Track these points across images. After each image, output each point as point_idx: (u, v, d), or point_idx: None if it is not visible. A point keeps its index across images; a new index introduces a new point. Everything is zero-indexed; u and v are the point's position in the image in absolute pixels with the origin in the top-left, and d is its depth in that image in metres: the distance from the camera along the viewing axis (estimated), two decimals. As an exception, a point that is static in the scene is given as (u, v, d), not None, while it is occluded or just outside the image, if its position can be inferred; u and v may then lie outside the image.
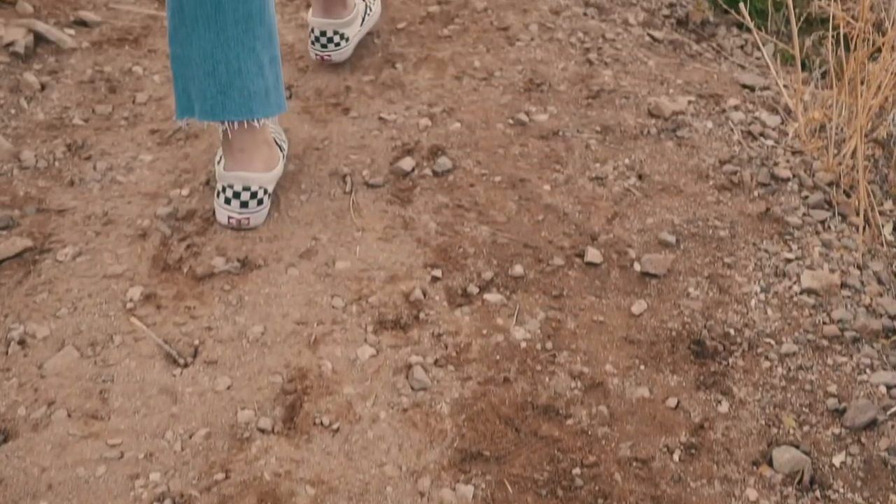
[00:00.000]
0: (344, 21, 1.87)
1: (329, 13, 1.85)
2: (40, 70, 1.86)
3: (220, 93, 1.44)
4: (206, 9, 1.39)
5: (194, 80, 1.45)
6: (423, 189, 1.60)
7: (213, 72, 1.43)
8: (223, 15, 1.40)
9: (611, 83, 1.92)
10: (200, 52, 1.42)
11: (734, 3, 2.51)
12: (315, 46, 1.90)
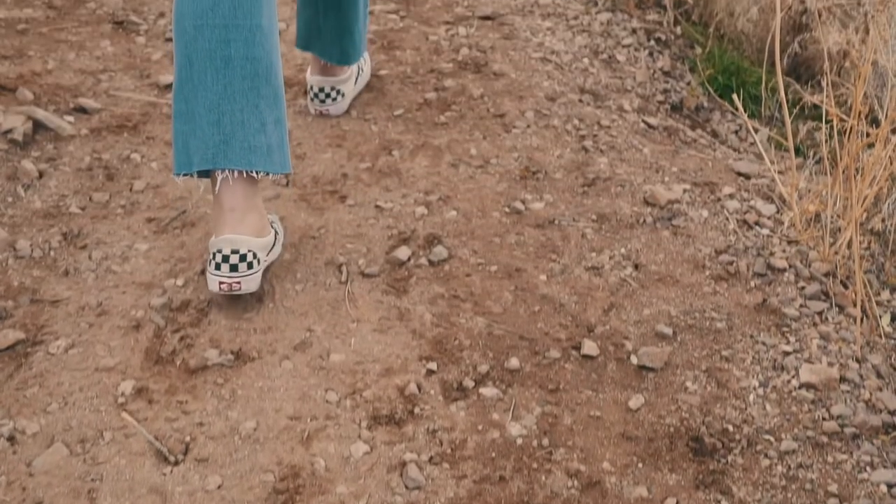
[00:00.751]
0: (340, 79, 2.09)
1: (327, 72, 2.07)
2: (38, 157, 1.89)
3: (223, 142, 1.48)
4: (215, 62, 1.48)
5: (196, 133, 1.49)
6: (418, 279, 1.61)
7: (217, 122, 1.49)
8: (232, 70, 1.48)
9: (606, 171, 1.95)
10: (206, 103, 1.49)
11: (728, 91, 2.57)
12: (314, 102, 2.11)
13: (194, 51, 1.49)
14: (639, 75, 2.52)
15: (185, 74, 1.50)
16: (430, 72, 2.36)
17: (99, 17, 2.49)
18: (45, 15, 2.45)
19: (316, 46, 2.04)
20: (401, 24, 2.63)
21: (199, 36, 1.48)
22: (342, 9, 1.99)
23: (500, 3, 2.81)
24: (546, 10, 2.79)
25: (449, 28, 2.62)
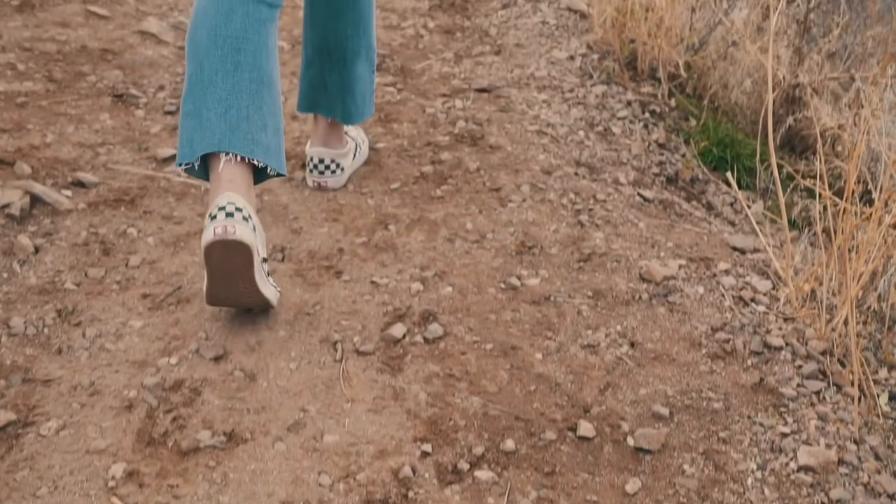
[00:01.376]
0: (340, 152, 2.14)
1: (327, 144, 2.12)
2: (35, 232, 1.91)
3: (229, 130, 1.61)
4: (226, 66, 1.64)
5: (203, 125, 1.62)
6: (413, 357, 1.62)
7: (224, 113, 1.62)
8: (240, 73, 1.64)
9: (602, 246, 1.96)
10: (215, 98, 1.62)
11: (722, 163, 2.60)
12: (313, 174, 2.14)
13: (206, 57, 1.64)
14: (634, 147, 2.55)
15: (196, 78, 1.64)
16: (426, 145, 2.39)
17: (99, 90, 2.53)
18: (46, 88, 2.49)
19: (321, 104, 2.11)
20: (398, 97, 2.68)
21: (212, 45, 1.65)
22: (347, 65, 2.08)
23: (496, 75, 2.86)
24: (542, 82, 2.84)
25: (446, 100, 2.67)
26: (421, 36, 3.18)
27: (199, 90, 1.63)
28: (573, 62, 3.00)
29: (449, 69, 2.91)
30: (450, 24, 3.31)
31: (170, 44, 2.85)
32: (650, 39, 2.87)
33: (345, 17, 2.04)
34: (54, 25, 2.86)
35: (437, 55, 3.02)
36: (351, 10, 2.04)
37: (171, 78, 2.66)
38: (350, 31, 2.06)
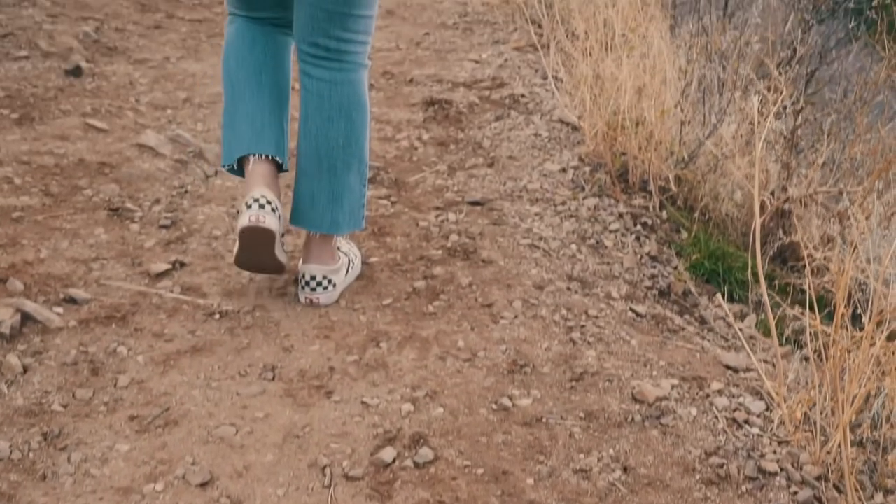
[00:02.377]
0: (332, 268, 2.18)
1: (319, 261, 2.17)
2: (24, 351, 1.91)
3: (255, 136, 2.10)
4: (251, 86, 2.12)
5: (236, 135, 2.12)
6: (403, 482, 1.61)
7: (251, 123, 2.11)
8: (262, 91, 2.12)
9: (594, 364, 1.97)
10: (244, 112, 2.12)
11: (714, 276, 2.64)
12: (305, 290, 2.17)
13: (236, 80, 2.13)
14: (626, 261, 2.59)
15: (229, 97, 2.14)
16: (419, 259, 2.42)
17: (95, 203, 2.58)
18: (42, 202, 2.54)
19: (309, 217, 2.15)
20: (392, 210, 2.72)
21: (241, 69, 2.13)
22: (337, 174, 2.14)
23: (489, 188, 2.92)
24: (534, 195, 2.89)
25: (439, 214, 2.71)
26: (415, 148, 3.25)
27: (232, 106, 2.14)
28: (565, 174, 3.06)
29: (443, 182, 2.96)
30: (444, 135, 3.39)
31: (167, 157, 2.91)
32: (640, 153, 2.94)
33: (336, 126, 2.11)
34: (53, 139, 2.93)
35: (430, 167, 3.08)
36: (343, 119, 2.11)
37: (166, 191, 2.71)
38: (341, 141, 2.12)
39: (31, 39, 3.76)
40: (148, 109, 3.35)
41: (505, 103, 3.78)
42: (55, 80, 3.45)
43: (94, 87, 3.46)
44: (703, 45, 3.27)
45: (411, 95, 3.86)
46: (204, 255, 2.37)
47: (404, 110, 3.66)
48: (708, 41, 3.31)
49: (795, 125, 2.66)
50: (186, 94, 3.56)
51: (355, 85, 2.13)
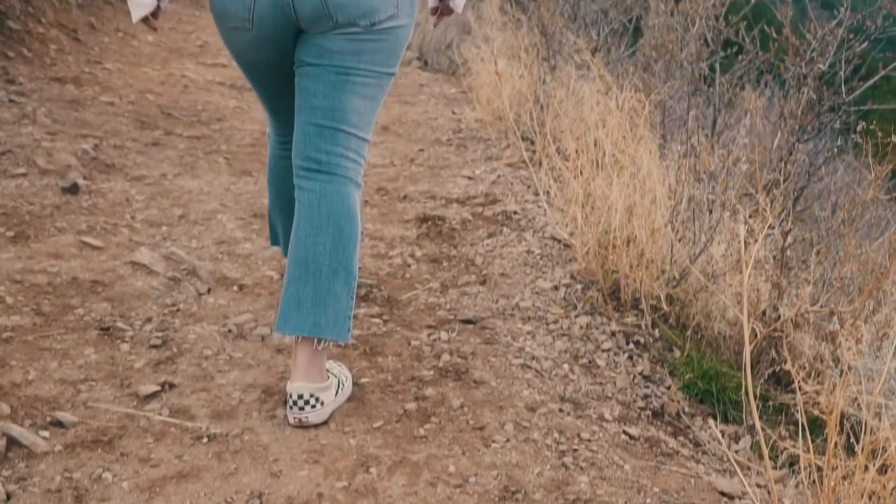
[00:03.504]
0: (320, 386, 2.16)
1: (307, 378, 2.15)
2: (9, 477, 1.90)
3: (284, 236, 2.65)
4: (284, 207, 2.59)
5: (272, 229, 2.81)
6: None
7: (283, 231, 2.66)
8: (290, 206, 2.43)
9: (587, 491, 1.96)
10: (275, 215, 2.72)
11: (708, 396, 2.64)
12: (293, 410, 2.15)
13: (272, 199, 2.70)
14: (619, 381, 2.60)
15: (270, 202, 2.73)
16: (410, 380, 2.43)
17: (86, 322, 2.60)
18: (33, 322, 2.56)
19: (293, 320, 2.16)
20: (384, 329, 2.74)
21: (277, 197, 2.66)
22: (323, 280, 2.16)
23: (481, 305, 2.95)
24: (526, 313, 2.92)
25: (431, 332, 2.73)
26: (408, 265, 3.30)
27: (272, 209, 2.73)
28: (557, 292, 3.10)
29: (435, 299, 3.00)
30: (437, 252, 3.44)
31: (160, 274, 2.95)
32: (632, 272, 2.99)
33: (324, 233, 2.17)
34: (47, 257, 2.97)
35: (423, 285, 3.12)
36: (331, 226, 2.18)
37: (158, 310, 2.73)
38: (328, 247, 2.17)
39: (30, 157, 3.84)
40: (143, 226, 3.40)
41: (498, 220, 3.85)
42: (52, 197, 3.52)
43: (91, 205, 3.53)
44: (691, 165, 3.35)
45: (405, 212, 3.94)
46: (193, 376, 2.37)
47: (398, 227, 3.73)
48: (696, 161, 3.40)
49: (784, 245, 2.71)
50: (182, 211, 3.62)
51: (345, 197, 2.21)
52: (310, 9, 2.08)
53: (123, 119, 4.87)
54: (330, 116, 2.18)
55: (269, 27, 2.13)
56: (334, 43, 2.14)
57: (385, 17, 2.12)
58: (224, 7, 2.14)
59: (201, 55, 7.19)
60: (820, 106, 3.70)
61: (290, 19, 2.12)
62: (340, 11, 2.08)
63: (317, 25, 2.12)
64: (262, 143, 4.90)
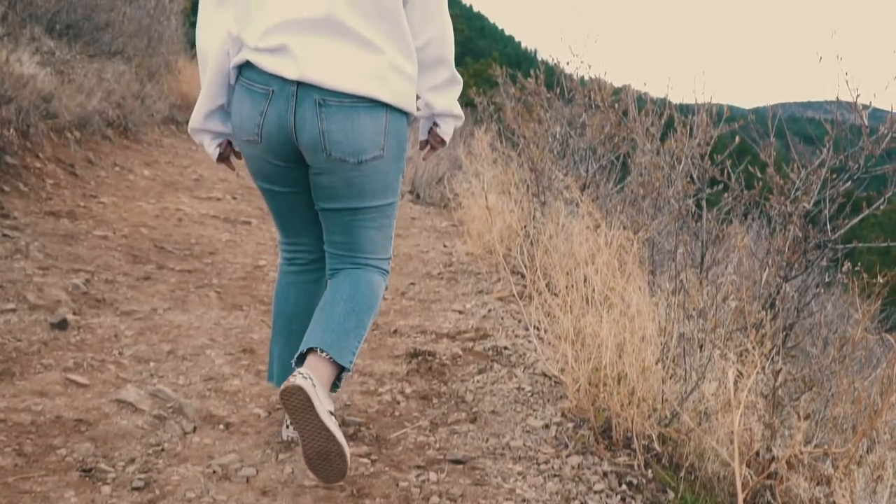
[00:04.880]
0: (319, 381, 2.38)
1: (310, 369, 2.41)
2: None
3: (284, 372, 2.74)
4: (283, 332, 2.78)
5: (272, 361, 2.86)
6: None
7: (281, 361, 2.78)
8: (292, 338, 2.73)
9: None
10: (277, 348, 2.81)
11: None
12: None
13: (275, 323, 2.80)
14: (612, 525, 2.55)
15: (273, 331, 2.82)
16: (398, 524, 2.39)
17: (68, 463, 2.56)
18: (14, 463, 2.52)
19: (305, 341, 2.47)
20: (372, 469, 2.71)
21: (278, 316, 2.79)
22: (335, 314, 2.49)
23: (471, 445, 2.93)
24: (517, 452, 2.89)
25: (420, 473, 2.70)
26: (397, 402, 3.28)
27: (273, 339, 2.80)
28: (548, 431, 3.08)
29: (424, 438, 2.97)
30: (426, 389, 3.43)
31: (146, 412, 2.93)
32: (623, 410, 2.98)
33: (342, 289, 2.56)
34: (32, 395, 2.96)
35: (412, 423, 3.10)
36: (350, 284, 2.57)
37: (143, 449, 2.70)
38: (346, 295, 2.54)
39: (20, 292, 3.87)
40: (131, 363, 3.40)
41: (488, 355, 3.86)
42: (40, 333, 3.52)
43: (79, 340, 3.53)
44: (681, 301, 3.39)
45: (395, 347, 3.94)
46: (176, 521, 2.33)
47: (388, 362, 3.73)
48: (686, 298, 3.44)
49: (775, 385, 2.71)
50: (171, 347, 3.63)
51: (369, 277, 2.60)
52: (308, 138, 2.39)
53: (116, 253, 4.92)
54: (347, 248, 2.61)
55: (275, 143, 2.44)
56: (333, 180, 2.47)
57: (371, 157, 2.43)
58: (241, 122, 2.45)
59: (196, 189, 7.33)
60: (806, 244, 3.78)
61: (291, 140, 2.42)
62: (334, 147, 2.39)
63: (313, 155, 2.42)
64: (253, 276, 4.95)
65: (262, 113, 2.39)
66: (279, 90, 2.36)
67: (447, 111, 2.64)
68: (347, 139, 2.37)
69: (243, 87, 2.43)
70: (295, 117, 2.37)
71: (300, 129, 2.38)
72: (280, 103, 2.37)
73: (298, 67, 2.32)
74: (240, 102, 2.44)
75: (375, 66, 2.36)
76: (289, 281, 2.77)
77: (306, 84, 2.34)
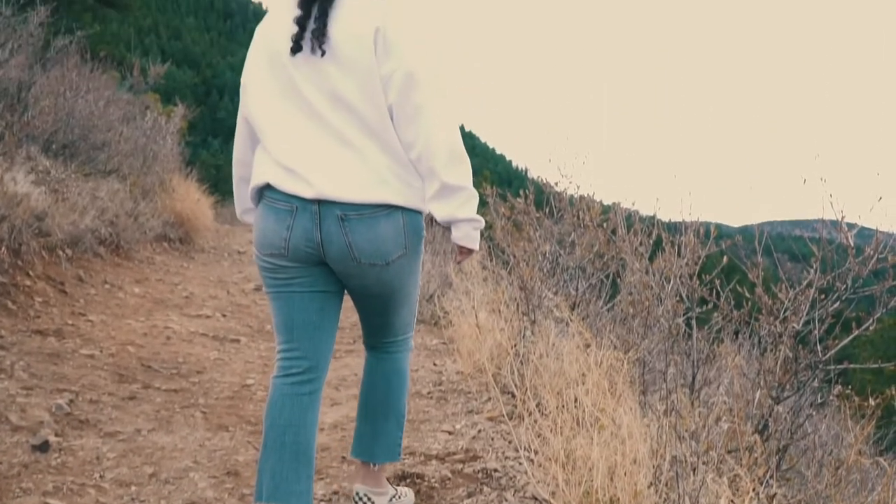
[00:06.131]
0: (376, 490, 3.04)
1: (366, 483, 3.04)
2: None
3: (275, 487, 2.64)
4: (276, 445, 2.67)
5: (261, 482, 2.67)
6: None
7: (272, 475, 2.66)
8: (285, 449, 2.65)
9: None
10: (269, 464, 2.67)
11: None
12: None
13: (267, 437, 2.69)
14: None
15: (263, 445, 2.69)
16: None
17: None
18: None
19: (358, 449, 3.03)
20: None
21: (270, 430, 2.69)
22: (377, 421, 2.99)
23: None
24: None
25: None
26: (385, 528, 3.20)
27: (263, 455, 2.67)
28: (540, 559, 2.99)
29: (412, 567, 2.88)
30: (415, 514, 3.35)
31: (125, 540, 2.85)
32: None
33: (379, 388, 2.99)
34: (8, 521, 2.88)
35: (400, 550, 3.01)
36: (384, 383, 2.98)
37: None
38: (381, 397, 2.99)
39: (3, 413, 3.82)
40: (111, 486, 3.32)
41: (478, 478, 3.79)
42: (21, 455, 3.46)
43: (60, 463, 3.47)
44: (672, 423, 3.36)
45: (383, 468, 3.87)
46: None
47: (375, 486, 3.65)
48: (678, 419, 3.41)
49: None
50: (153, 469, 3.56)
51: (397, 362, 2.99)
52: (337, 250, 2.59)
53: (102, 372, 4.88)
54: (379, 328, 2.93)
55: (302, 255, 2.62)
56: (365, 281, 2.69)
57: (397, 256, 2.66)
58: (265, 238, 2.63)
59: (186, 306, 7.33)
60: (797, 364, 3.78)
61: (319, 254, 2.61)
62: (363, 255, 2.60)
63: (342, 264, 2.62)
64: (240, 395, 4.90)
65: (289, 227, 2.57)
66: (302, 207, 2.55)
67: (449, 219, 2.64)
68: (373, 246, 2.59)
69: (267, 206, 2.61)
70: (321, 232, 2.56)
71: (327, 243, 2.57)
72: (305, 219, 2.56)
73: (314, 188, 2.51)
74: (264, 219, 2.61)
75: (378, 174, 2.55)
76: (283, 392, 2.75)
77: (326, 201, 2.53)
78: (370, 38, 2.48)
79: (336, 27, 2.51)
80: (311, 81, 2.53)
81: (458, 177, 2.58)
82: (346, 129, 2.53)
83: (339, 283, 2.75)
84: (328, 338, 2.76)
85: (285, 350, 2.79)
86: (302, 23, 2.51)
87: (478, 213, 2.70)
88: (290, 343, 2.76)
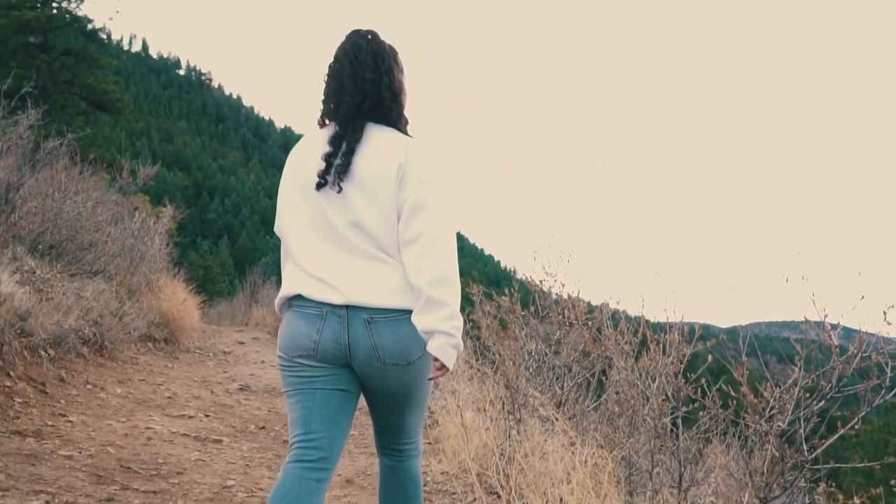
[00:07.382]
0: None
1: None
2: None
3: None
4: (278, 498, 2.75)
5: None
6: None
7: None
8: None
9: None
10: None
11: None
12: None
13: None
14: None
15: None
16: None
17: None
18: None
19: None
20: None
21: None
22: None
23: None
24: None
25: None
26: None
27: None
28: None
29: None
30: None
31: None
32: None
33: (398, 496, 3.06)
34: None
35: None
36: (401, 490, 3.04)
37: None
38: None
39: (-24, 515, 3.73)
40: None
41: (462, 583, 3.70)
42: (-9, 559, 3.37)
43: (31, 567, 3.38)
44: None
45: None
46: None
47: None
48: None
49: None
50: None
51: (411, 470, 3.08)
52: (363, 352, 2.78)
53: (80, 473, 4.79)
54: (394, 430, 3.02)
55: (330, 357, 2.80)
56: (386, 382, 2.84)
57: (418, 357, 2.82)
58: (294, 341, 2.81)
59: (169, 406, 7.25)
60: (784, 464, 3.75)
61: (345, 355, 2.80)
62: (387, 355, 2.78)
63: (366, 365, 2.80)
64: (220, 497, 4.81)
65: (319, 330, 2.78)
66: (332, 311, 2.77)
67: (429, 328, 2.75)
68: (396, 347, 2.77)
69: (296, 312, 2.82)
70: (349, 335, 2.76)
71: (354, 345, 2.77)
72: (334, 322, 2.77)
73: (343, 295, 2.75)
74: (294, 323, 2.82)
75: (398, 284, 2.78)
76: (293, 474, 2.81)
77: (354, 306, 2.75)
78: (394, 172, 2.76)
79: (364, 162, 2.78)
80: (336, 209, 2.80)
81: (443, 294, 2.75)
82: (368, 248, 2.79)
83: (357, 386, 2.91)
84: (342, 434, 2.87)
85: (301, 440, 2.87)
86: (329, 160, 2.79)
87: (465, 312, 2.80)
88: (308, 434, 2.86)
